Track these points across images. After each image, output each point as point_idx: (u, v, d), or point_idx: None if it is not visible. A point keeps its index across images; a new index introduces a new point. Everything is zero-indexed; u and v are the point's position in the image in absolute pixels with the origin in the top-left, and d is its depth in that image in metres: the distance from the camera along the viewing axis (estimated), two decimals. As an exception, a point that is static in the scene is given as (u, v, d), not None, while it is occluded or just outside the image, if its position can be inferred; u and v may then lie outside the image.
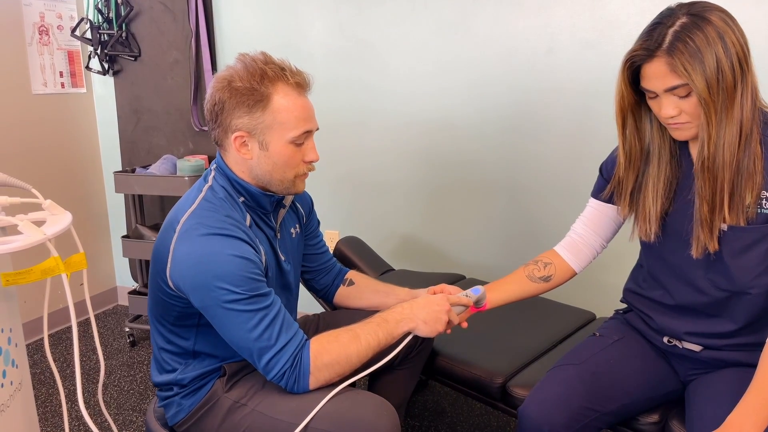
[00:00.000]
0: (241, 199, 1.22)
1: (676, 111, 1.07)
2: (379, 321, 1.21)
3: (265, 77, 1.15)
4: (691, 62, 1.01)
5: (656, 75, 1.06)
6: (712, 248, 1.12)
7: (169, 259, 1.14)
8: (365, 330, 1.19)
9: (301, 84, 1.19)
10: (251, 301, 1.10)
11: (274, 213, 1.30)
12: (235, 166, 1.22)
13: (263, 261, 1.19)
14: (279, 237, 1.31)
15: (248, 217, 1.22)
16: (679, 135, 1.12)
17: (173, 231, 1.15)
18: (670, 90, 1.06)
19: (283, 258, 1.30)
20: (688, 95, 1.05)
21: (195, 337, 1.24)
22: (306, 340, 1.16)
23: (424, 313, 1.23)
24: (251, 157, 1.19)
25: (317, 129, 1.23)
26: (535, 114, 2.13)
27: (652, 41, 1.05)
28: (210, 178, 1.24)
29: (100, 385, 1.26)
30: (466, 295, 1.33)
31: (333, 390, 1.14)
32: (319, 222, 1.53)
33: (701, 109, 1.05)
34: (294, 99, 1.17)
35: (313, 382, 1.14)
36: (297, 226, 1.40)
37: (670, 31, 1.03)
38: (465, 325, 1.35)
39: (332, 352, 1.14)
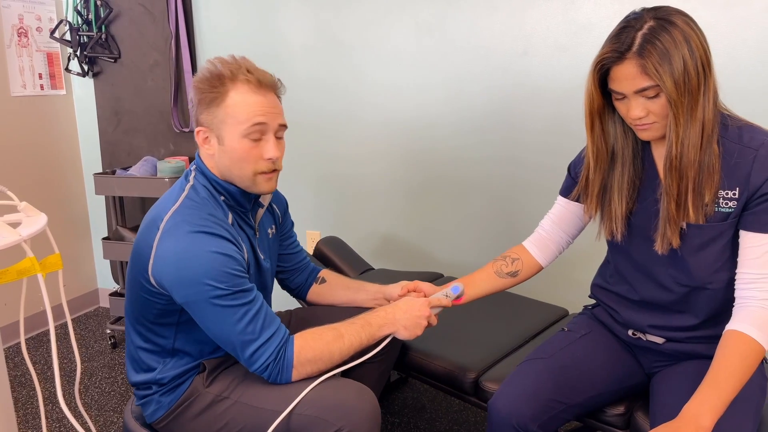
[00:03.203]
0: (222, 197, 1.26)
1: (644, 112, 1.10)
2: (363, 323, 1.26)
3: (223, 76, 1.20)
4: (661, 63, 1.04)
5: (626, 77, 1.08)
6: (676, 244, 1.16)
7: (152, 256, 1.16)
8: (349, 330, 1.23)
9: (261, 81, 1.21)
10: (235, 297, 1.13)
11: (252, 212, 1.33)
12: (207, 162, 1.26)
13: (245, 258, 1.22)
14: (258, 236, 1.34)
15: (230, 216, 1.25)
16: (646, 135, 1.15)
17: (156, 228, 1.17)
18: (640, 91, 1.08)
19: (262, 257, 1.33)
20: (656, 96, 1.08)
21: (174, 335, 1.26)
22: (289, 335, 1.19)
23: (405, 318, 1.28)
24: (213, 153, 1.24)
25: (280, 126, 1.24)
26: (511, 114, 2.17)
27: (622, 44, 1.08)
28: (191, 177, 1.27)
29: (76, 385, 1.28)
30: (446, 295, 1.37)
31: (316, 380, 1.18)
32: (293, 223, 1.57)
33: (670, 110, 1.08)
34: (249, 95, 1.20)
35: (296, 375, 1.18)
36: (273, 226, 1.44)
37: (639, 34, 1.06)
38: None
39: (316, 348, 1.19)
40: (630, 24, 1.09)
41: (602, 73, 1.14)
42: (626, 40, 1.07)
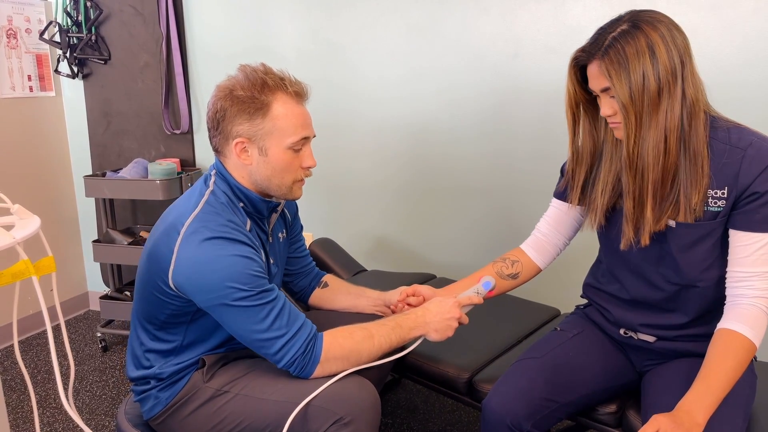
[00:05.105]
0: (241, 204, 1.27)
1: (611, 110, 1.14)
2: (394, 325, 1.27)
3: (265, 86, 1.20)
4: (617, 69, 1.08)
5: (593, 76, 1.14)
6: (644, 242, 1.18)
7: (173, 261, 1.17)
8: (380, 332, 1.24)
9: (299, 93, 1.24)
10: (258, 297, 1.15)
11: (268, 218, 1.34)
12: (234, 172, 1.26)
13: (262, 262, 1.24)
14: (270, 241, 1.35)
15: (248, 222, 1.26)
16: (617, 133, 1.19)
17: (177, 233, 1.18)
18: (604, 91, 1.13)
19: (272, 261, 1.35)
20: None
21: (184, 334, 1.27)
22: (316, 330, 1.21)
23: (436, 321, 1.29)
24: (251, 163, 1.24)
25: (314, 136, 1.28)
26: (503, 116, 2.18)
27: (595, 44, 1.12)
28: (211, 183, 1.27)
29: (70, 388, 1.27)
30: (477, 292, 1.36)
31: (335, 377, 1.19)
32: (302, 227, 1.58)
33: (621, 112, 1.11)
34: (293, 107, 1.22)
35: (319, 371, 1.19)
36: (284, 231, 1.46)
37: (610, 37, 1.10)
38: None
39: (345, 347, 1.20)
40: (609, 26, 1.13)
41: (582, 70, 1.18)
42: (600, 41, 1.11)
